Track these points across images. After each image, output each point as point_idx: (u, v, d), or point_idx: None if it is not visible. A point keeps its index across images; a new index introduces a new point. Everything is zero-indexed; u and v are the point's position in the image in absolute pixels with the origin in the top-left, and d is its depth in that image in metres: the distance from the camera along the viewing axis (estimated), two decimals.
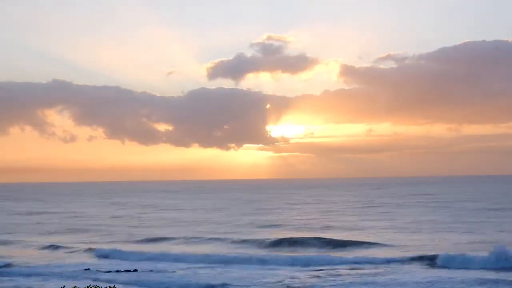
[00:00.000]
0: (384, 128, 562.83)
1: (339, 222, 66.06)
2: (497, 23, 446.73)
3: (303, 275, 34.30)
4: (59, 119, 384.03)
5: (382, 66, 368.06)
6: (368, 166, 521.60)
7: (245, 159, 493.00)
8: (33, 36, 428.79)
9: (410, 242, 47.21)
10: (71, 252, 47.05)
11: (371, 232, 55.52)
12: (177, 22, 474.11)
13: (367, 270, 35.49)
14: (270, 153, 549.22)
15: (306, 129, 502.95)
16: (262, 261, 39.89)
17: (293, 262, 39.28)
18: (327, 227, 60.80)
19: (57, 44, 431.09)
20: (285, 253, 44.07)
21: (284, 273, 34.98)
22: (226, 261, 40.07)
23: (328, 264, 38.11)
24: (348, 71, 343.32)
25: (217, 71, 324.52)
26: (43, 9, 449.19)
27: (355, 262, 38.35)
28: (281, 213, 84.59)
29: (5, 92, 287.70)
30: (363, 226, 61.85)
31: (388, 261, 38.20)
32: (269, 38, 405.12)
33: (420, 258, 38.59)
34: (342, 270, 35.61)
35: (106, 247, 47.61)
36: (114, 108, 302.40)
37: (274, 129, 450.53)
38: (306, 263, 38.87)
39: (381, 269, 35.69)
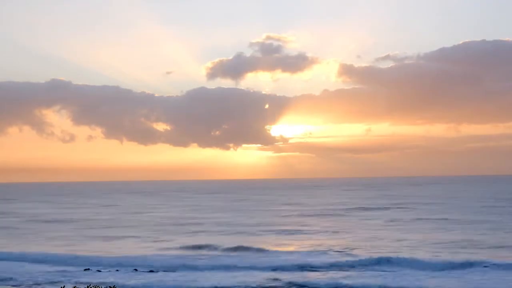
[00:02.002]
0: (383, 128, 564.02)
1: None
2: (497, 23, 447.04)
3: None
4: (58, 119, 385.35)
5: (381, 66, 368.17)
6: (367, 166, 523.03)
7: (244, 159, 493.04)
8: (32, 36, 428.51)
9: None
10: None
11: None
12: (176, 21, 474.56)
13: None
14: (270, 153, 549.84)
15: (305, 129, 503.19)
16: None
17: None
18: None
19: (56, 43, 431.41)
20: None
21: None
22: None
23: None
24: (347, 71, 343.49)
25: (216, 71, 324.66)
26: (42, 9, 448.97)
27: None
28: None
29: (4, 92, 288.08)
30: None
31: None
32: (268, 37, 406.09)
33: None
34: None
35: None
36: (113, 108, 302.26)
37: (273, 129, 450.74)
38: None
39: None
